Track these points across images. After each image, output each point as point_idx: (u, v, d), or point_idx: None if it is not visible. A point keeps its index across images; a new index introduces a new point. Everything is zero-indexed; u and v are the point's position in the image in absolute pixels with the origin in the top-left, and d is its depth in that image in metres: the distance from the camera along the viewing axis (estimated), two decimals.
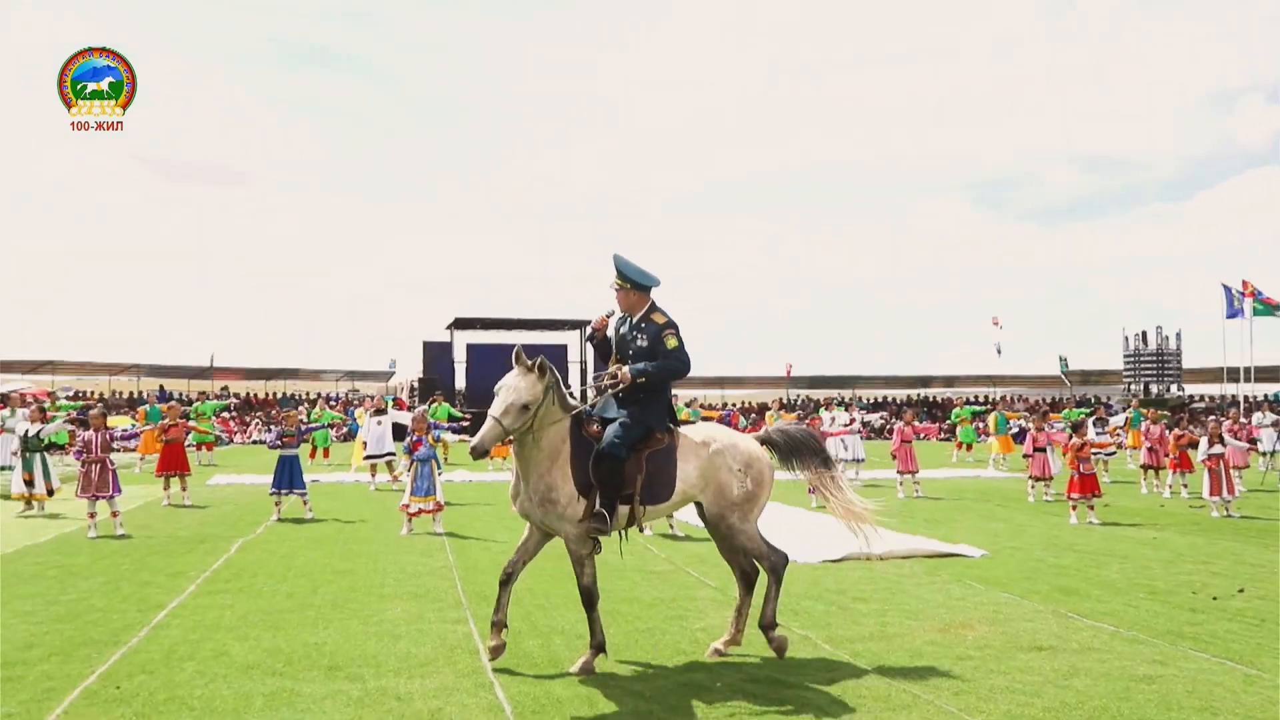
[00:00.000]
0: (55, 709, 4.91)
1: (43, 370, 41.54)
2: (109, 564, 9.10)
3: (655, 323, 6.05)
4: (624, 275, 6.05)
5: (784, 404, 43.07)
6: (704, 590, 8.08)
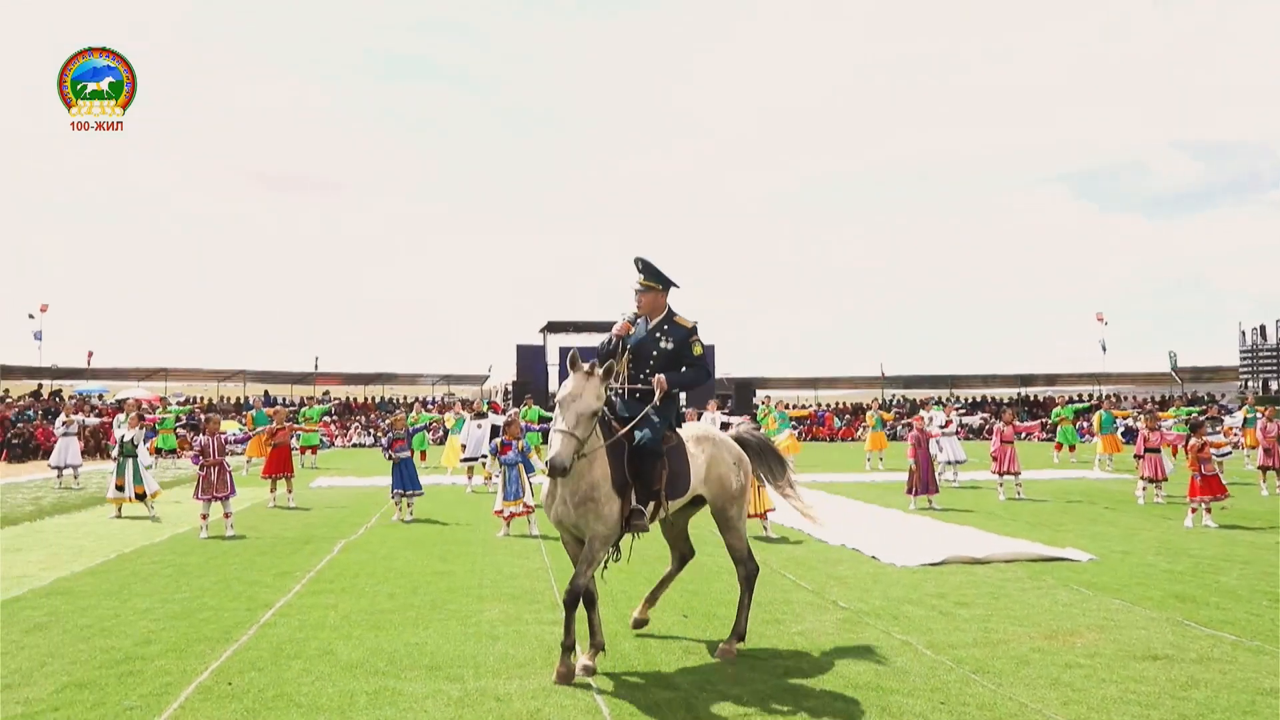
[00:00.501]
0: (173, 703, 5.10)
1: (156, 377, 43.32)
2: (220, 564, 9.44)
3: (681, 326, 6.16)
4: (652, 276, 6.13)
5: (882, 404, 42.40)
6: (800, 593, 7.98)
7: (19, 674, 5.64)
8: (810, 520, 7.12)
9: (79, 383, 42.47)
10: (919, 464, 14.11)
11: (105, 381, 43.29)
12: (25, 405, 34.74)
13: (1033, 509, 14.01)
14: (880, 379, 48.29)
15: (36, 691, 5.31)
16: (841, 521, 12.31)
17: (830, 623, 6.90)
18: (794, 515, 12.09)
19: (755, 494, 11.16)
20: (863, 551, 9.96)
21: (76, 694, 5.27)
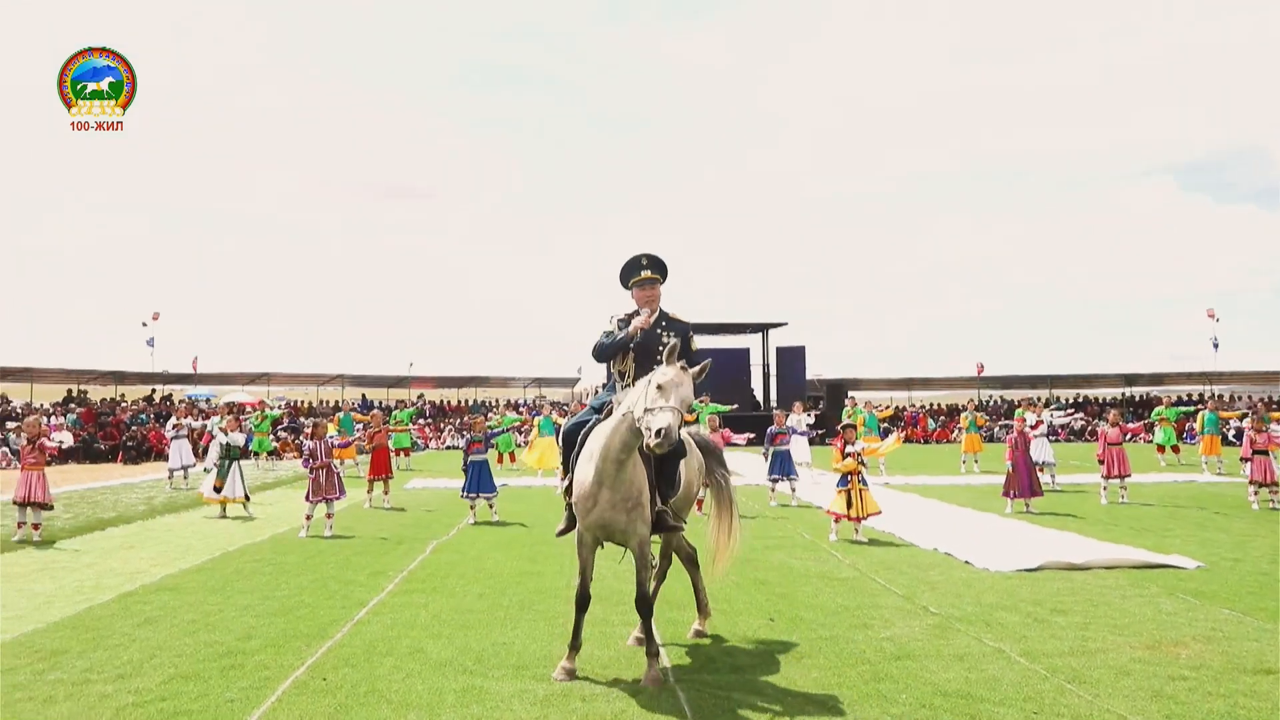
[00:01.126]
0: (270, 696, 5.27)
1: (259, 382, 44.83)
2: (318, 563, 9.72)
3: (679, 321, 6.27)
4: (658, 269, 6.21)
5: (978, 405, 41.44)
6: (889, 598, 7.85)
7: (131, 665, 5.91)
8: (720, 543, 6.89)
9: (187, 387, 44.26)
10: (1018, 466, 13.75)
11: (211, 386, 45.01)
12: (139, 409, 36.32)
13: (1137, 514, 13.53)
14: (977, 379, 47.14)
15: (146, 682, 5.56)
16: (934, 525, 12.10)
17: (920, 628, 6.77)
18: (889, 521, 11.97)
19: (858, 497, 11.03)
20: (955, 556, 9.75)
21: (182, 685, 5.49)
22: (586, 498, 5.61)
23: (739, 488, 17.60)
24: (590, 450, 5.64)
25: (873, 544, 10.72)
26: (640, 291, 6.23)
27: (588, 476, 5.59)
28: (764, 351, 42.00)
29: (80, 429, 32.65)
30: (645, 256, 6.21)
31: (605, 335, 6.25)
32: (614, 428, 5.50)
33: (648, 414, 5.15)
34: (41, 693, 5.36)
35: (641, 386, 5.42)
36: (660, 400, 5.15)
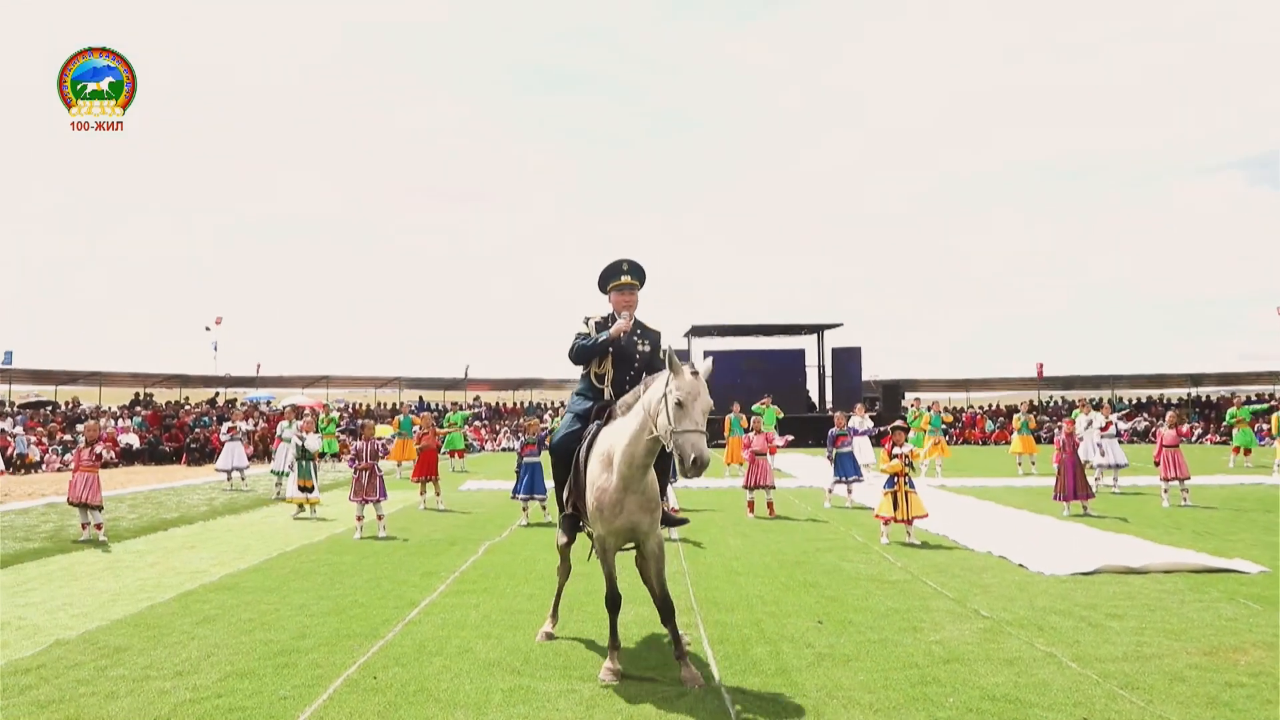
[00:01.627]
0: (322, 695, 5.38)
1: (318, 385, 45.61)
2: (372, 563, 9.88)
3: (652, 330, 6.38)
4: (638, 275, 6.32)
5: (1033, 406, 40.73)
6: (941, 601, 7.76)
7: (189, 663, 6.06)
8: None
9: (249, 390, 45.19)
10: (1065, 468, 13.50)
11: (272, 389, 45.89)
12: (202, 412, 37.16)
13: (1199, 517, 13.20)
14: (1037, 380, 46.29)
15: (203, 679, 5.70)
16: (989, 527, 11.93)
17: (970, 632, 6.69)
18: (942, 523, 11.83)
19: (905, 499, 10.94)
20: (1009, 559, 9.60)
21: (238, 683, 5.62)
22: (613, 505, 5.63)
23: (794, 489, 17.56)
24: (607, 457, 5.67)
25: (925, 547, 10.61)
26: (619, 296, 6.33)
27: (610, 484, 5.62)
28: (819, 352, 41.75)
29: (146, 431, 33.51)
30: (626, 262, 6.33)
31: (581, 337, 6.29)
32: (635, 435, 5.49)
33: (676, 436, 5.16)
34: (104, 688, 5.53)
35: (656, 394, 5.40)
36: (686, 422, 5.16)
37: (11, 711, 5.12)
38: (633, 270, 6.32)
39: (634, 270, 6.33)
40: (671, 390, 5.25)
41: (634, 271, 6.33)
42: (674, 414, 5.20)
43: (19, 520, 14.10)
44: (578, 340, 6.28)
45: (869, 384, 41.38)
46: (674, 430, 5.18)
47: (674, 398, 5.21)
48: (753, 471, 13.95)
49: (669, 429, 5.21)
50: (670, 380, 5.31)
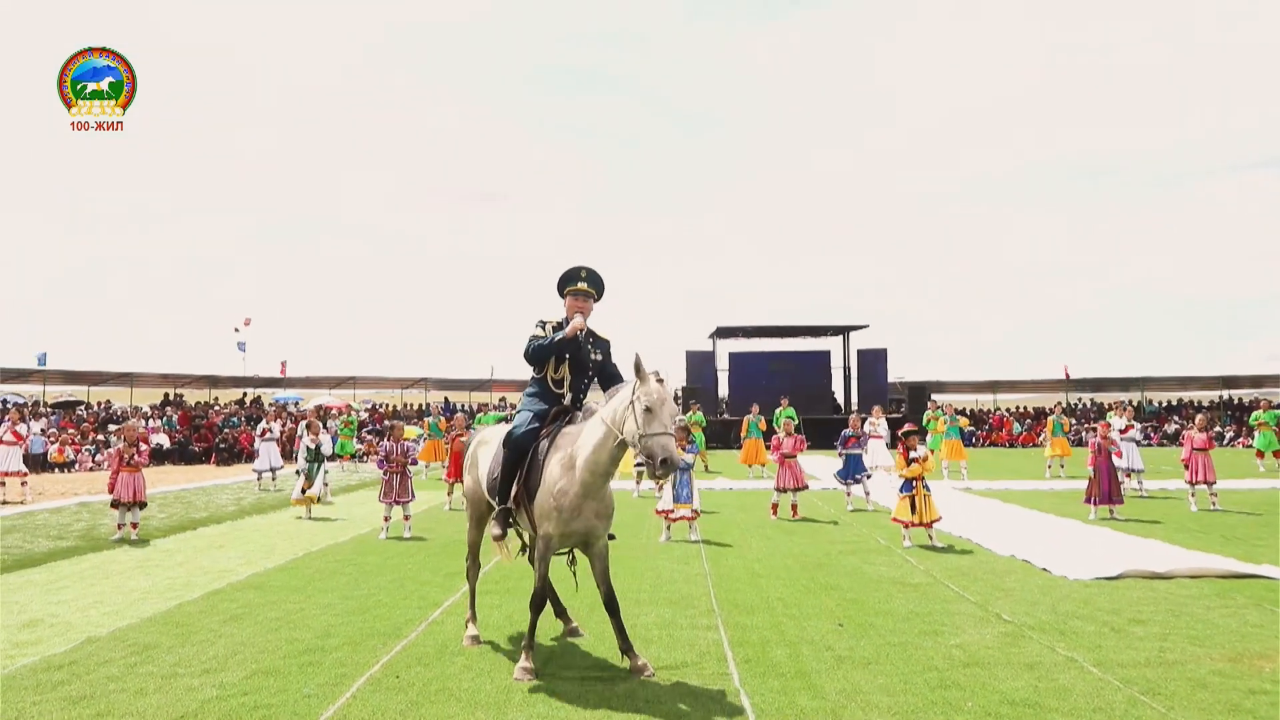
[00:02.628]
0: (346, 693, 5.46)
1: (345, 385, 45.96)
2: (396, 564, 9.97)
3: (603, 339, 6.53)
4: (595, 284, 6.42)
5: (1065, 408, 40.39)
6: (963, 605, 7.74)
7: (216, 660, 6.16)
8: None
9: (276, 391, 45.56)
10: (1100, 472, 13.40)
11: (299, 390, 46.28)
12: (231, 413, 37.53)
13: (1228, 521, 13.07)
14: (1064, 381, 45.89)
15: (230, 676, 5.79)
16: (1013, 531, 11.87)
17: (991, 636, 6.68)
18: (966, 526, 11.79)
19: (923, 502, 10.92)
20: (1033, 563, 9.56)
21: (264, 680, 5.71)
22: (573, 509, 5.79)
23: (818, 492, 17.52)
24: (569, 460, 5.83)
25: (948, 550, 10.57)
26: (575, 301, 6.41)
27: (572, 488, 5.77)
28: (845, 354, 41.61)
29: (175, 431, 33.90)
30: (585, 269, 6.43)
31: (537, 339, 6.35)
32: (600, 442, 5.73)
33: (646, 439, 5.42)
34: (133, 685, 5.63)
35: (623, 401, 5.67)
36: (656, 425, 5.44)
37: (44, 707, 5.23)
38: (590, 278, 6.42)
39: (591, 278, 6.43)
40: (640, 397, 5.50)
41: (591, 279, 6.43)
42: (642, 419, 5.47)
43: (52, 519, 14.32)
44: (533, 341, 6.35)
45: (895, 386, 41.19)
46: (643, 434, 5.45)
47: (642, 404, 5.48)
48: (784, 474, 13.92)
49: (637, 433, 5.48)
50: (636, 388, 5.57)
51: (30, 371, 37.92)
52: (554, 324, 6.42)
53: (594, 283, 6.44)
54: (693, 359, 40.78)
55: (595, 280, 6.44)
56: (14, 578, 9.28)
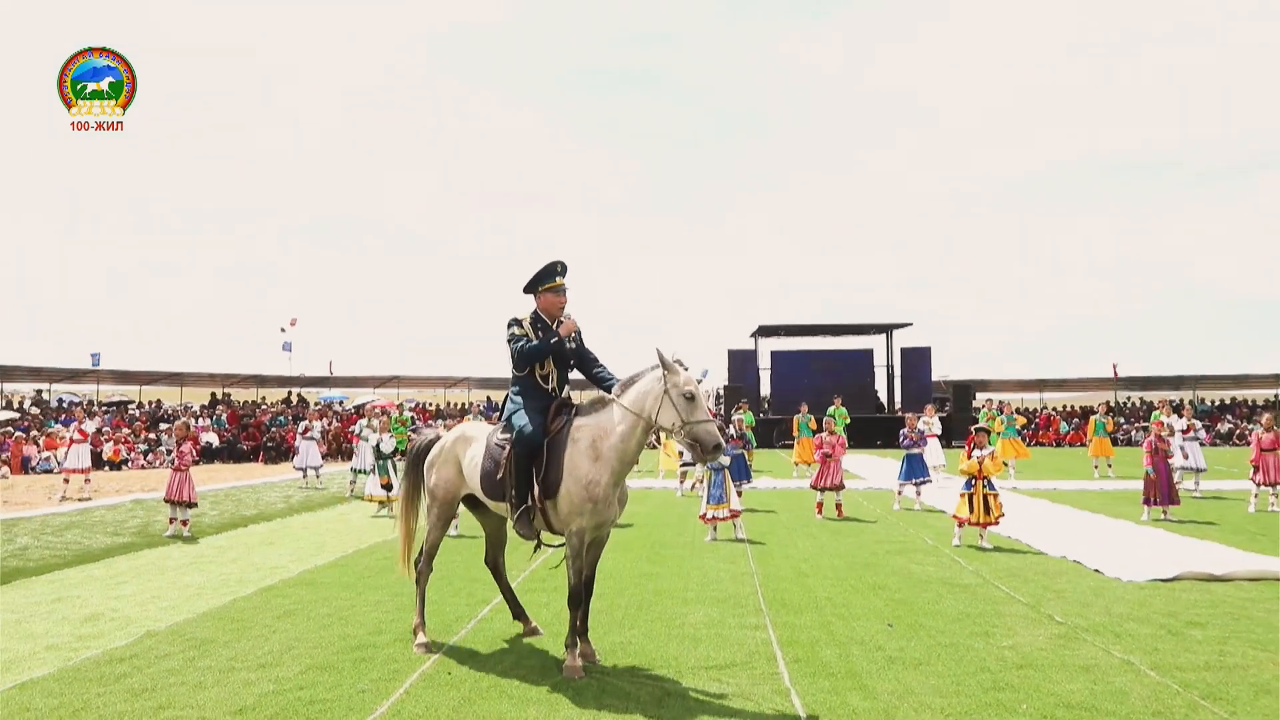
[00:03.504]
0: (399, 689, 5.52)
1: (389, 385, 46.42)
2: (443, 560, 9.94)
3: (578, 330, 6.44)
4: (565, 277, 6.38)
5: (1110, 408, 39.77)
6: (1013, 606, 7.66)
7: (271, 655, 6.26)
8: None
9: (322, 390, 46.13)
10: (1157, 472, 13.17)
11: (345, 389, 46.82)
12: (278, 411, 38.07)
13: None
14: (1113, 380, 45.15)
15: (285, 671, 5.88)
16: (1064, 531, 11.71)
17: (1044, 638, 6.59)
18: (1016, 526, 11.65)
19: (980, 502, 10.81)
20: (1085, 564, 9.43)
21: (318, 676, 5.79)
22: (605, 499, 5.87)
23: (862, 491, 17.42)
24: (595, 451, 5.88)
25: (998, 550, 10.46)
26: (555, 297, 6.34)
27: (602, 477, 5.83)
28: (888, 353, 41.27)
29: (224, 430, 34.44)
30: (560, 264, 6.36)
31: (518, 340, 6.24)
32: (628, 432, 5.85)
33: (694, 426, 5.61)
34: (192, 678, 5.74)
35: (650, 391, 5.79)
36: (700, 413, 5.66)
37: (108, 698, 5.34)
38: (564, 273, 6.39)
39: (565, 273, 6.39)
40: (677, 386, 5.66)
41: (564, 273, 6.39)
42: (685, 408, 5.63)
43: (109, 516, 14.63)
44: (521, 343, 6.23)
45: (939, 384, 40.77)
46: (689, 421, 5.62)
47: (683, 391, 5.63)
48: (823, 472, 13.88)
49: (679, 422, 5.64)
50: (667, 378, 5.71)
51: (85, 371, 38.74)
52: (529, 321, 6.33)
53: (565, 275, 6.41)
54: (734, 358, 40.67)
55: (565, 274, 6.41)
56: (75, 572, 9.50)
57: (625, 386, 6.03)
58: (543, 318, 6.34)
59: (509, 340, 6.27)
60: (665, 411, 5.71)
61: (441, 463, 6.72)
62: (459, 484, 6.64)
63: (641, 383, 5.92)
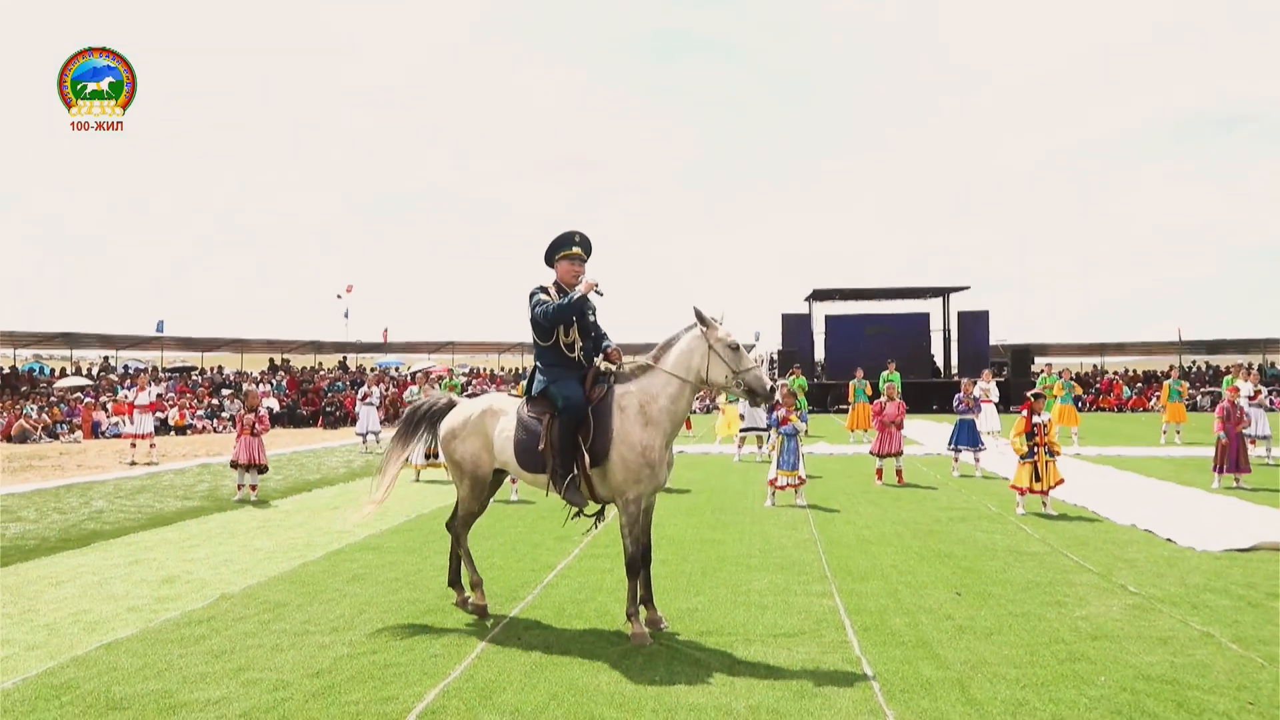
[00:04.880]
0: (470, 653, 5.58)
1: (444, 350, 46.84)
2: (506, 526, 10.15)
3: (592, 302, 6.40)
4: (588, 248, 6.34)
5: (1182, 372, 38.90)
6: (1084, 575, 7.53)
7: (343, 619, 6.37)
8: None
9: (378, 356, 46.71)
10: (1229, 439, 12.85)
11: (400, 355, 47.36)
12: (336, 377, 38.63)
13: None
14: (1177, 344, 44.10)
15: (357, 635, 5.98)
16: (1132, 499, 11.49)
17: (1118, 608, 6.48)
18: (1081, 494, 11.46)
19: (1044, 467, 10.64)
20: (1156, 533, 9.24)
21: (390, 639, 5.88)
22: (661, 462, 5.94)
23: (921, 457, 17.25)
24: (645, 416, 5.91)
25: (1063, 518, 10.29)
26: (571, 265, 6.29)
27: (655, 441, 5.89)
28: (945, 317, 40.72)
29: (284, 395, 35.05)
30: (578, 234, 6.32)
31: (542, 304, 6.14)
32: (677, 394, 5.96)
33: (745, 375, 5.84)
34: (269, 641, 5.85)
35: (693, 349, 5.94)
36: (746, 361, 5.89)
37: (189, 660, 5.47)
38: (583, 243, 6.33)
39: (585, 243, 6.34)
40: (720, 339, 5.87)
41: (585, 244, 6.34)
42: (733, 359, 5.85)
43: (178, 480, 14.98)
44: (546, 305, 6.12)
45: (997, 348, 40.16)
46: (740, 371, 5.84)
47: (727, 343, 5.86)
48: (883, 439, 13.75)
49: (730, 374, 5.85)
50: (708, 333, 5.90)
51: (149, 339, 39.61)
52: (550, 288, 6.30)
53: (586, 246, 6.36)
54: (789, 322, 40.39)
55: (587, 244, 6.37)
56: (149, 535, 9.74)
57: (664, 349, 6.08)
58: (562, 286, 6.30)
59: (534, 305, 6.19)
60: (715, 366, 5.87)
61: (467, 434, 6.57)
62: (485, 459, 6.53)
63: (681, 342, 6.02)
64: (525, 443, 6.21)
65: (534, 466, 6.21)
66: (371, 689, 4.96)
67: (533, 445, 6.17)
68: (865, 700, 4.73)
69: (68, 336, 37.60)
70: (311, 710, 4.65)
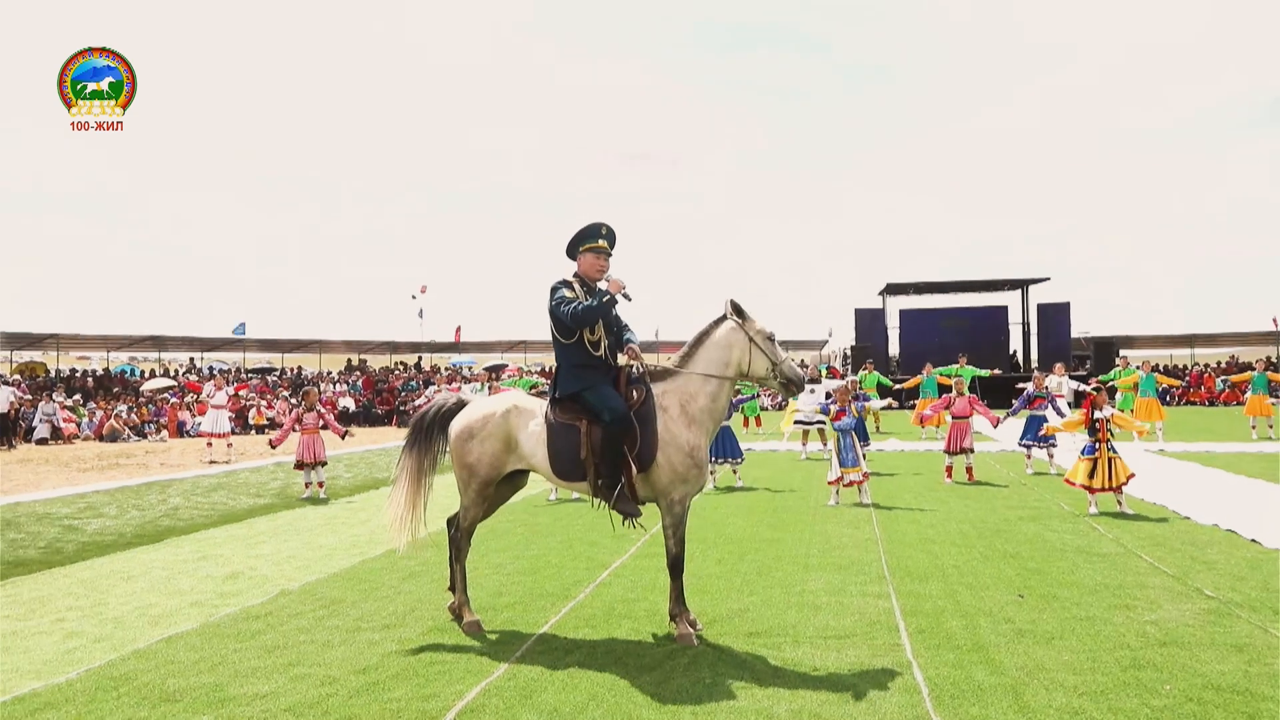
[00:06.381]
0: (518, 650, 5.58)
1: (516, 349, 47.29)
2: (565, 525, 10.16)
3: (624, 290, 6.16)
4: (613, 242, 6.12)
5: (1271, 362, 37.32)
6: (1158, 578, 7.22)
7: (396, 616, 6.42)
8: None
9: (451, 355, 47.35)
10: None
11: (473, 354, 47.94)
12: (410, 376, 39.27)
13: None
14: (1273, 334, 42.33)
15: (409, 632, 6.02)
16: (1216, 498, 11.03)
17: (1192, 613, 6.19)
18: (1161, 492, 11.04)
19: (1107, 466, 10.28)
20: (1240, 533, 8.84)
21: (440, 637, 5.91)
22: (705, 462, 5.90)
23: (994, 454, 16.81)
24: (689, 417, 5.82)
25: (1139, 518, 9.91)
26: (595, 259, 6.02)
27: (699, 440, 5.81)
28: (1024, 309, 39.75)
29: (360, 395, 35.75)
30: (605, 226, 6.09)
31: (568, 303, 5.82)
32: (717, 391, 5.88)
33: (783, 366, 5.87)
34: (321, 637, 5.93)
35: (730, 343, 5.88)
36: (782, 352, 5.94)
37: (244, 654, 5.57)
38: (609, 235, 6.09)
39: (610, 235, 6.10)
40: (760, 331, 5.86)
41: (610, 237, 6.09)
42: (770, 350, 5.87)
43: (252, 478, 15.37)
44: (574, 305, 5.81)
45: (1078, 341, 39.06)
46: (780, 363, 5.87)
47: (766, 335, 5.87)
48: (953, 435, 13.44)
49: (771, 366, 5.87)
50: (746, 325, 5.88)
51: (233, 340, 40.76)
52: (572, 282, 6.03)
53: (611, 240, 6.13)
54: (862, 317, 39.87)
55: (612, 237, 6.13)
56: (219, 532, 9.99)
57: (696, 346, 5.98)
58: (585, 280, 6.06)
59: (558, 304, 5.85)
60: (756, 359, 5.85)
61: (486, 435, 6.17)
62: (506, 460, 6.19)
63: (716, 336, 5.93)
64: (562, 451, 5.92)
65: (572, 475, 5.94)
66: (414, 686, 4.98)
67: (571, 454, 5.89)
68: (912, 706, 4.58)
69: (156, 339, 38.90)
70: (354, 706, 4.69)
